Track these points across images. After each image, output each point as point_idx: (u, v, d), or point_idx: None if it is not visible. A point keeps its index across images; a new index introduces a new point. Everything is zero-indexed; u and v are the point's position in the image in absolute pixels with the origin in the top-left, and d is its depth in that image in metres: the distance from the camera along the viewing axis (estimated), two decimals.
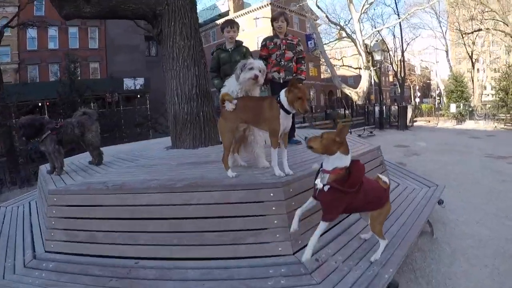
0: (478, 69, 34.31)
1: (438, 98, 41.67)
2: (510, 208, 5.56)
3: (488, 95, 38.52)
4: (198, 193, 2.92)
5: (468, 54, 33.69)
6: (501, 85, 24.68)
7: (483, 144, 13.80)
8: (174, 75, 5.29)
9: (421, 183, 5.21)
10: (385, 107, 22.08)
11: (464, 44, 33.73)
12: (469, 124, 23.67)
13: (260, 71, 3.30)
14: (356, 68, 32.58)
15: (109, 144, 8.53)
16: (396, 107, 22.53)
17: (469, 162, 9.65)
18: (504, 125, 21.47)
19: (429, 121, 26.91)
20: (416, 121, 24.83)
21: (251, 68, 3.26)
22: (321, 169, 2.45)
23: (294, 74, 4.86)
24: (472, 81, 32.26)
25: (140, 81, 25.83)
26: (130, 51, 27.44)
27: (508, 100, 23.68)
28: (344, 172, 2.36)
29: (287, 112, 2.93)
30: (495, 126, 21.46)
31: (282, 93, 2.95)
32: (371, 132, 16.82)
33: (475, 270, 3.58)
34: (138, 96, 26.00)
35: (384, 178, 2.74)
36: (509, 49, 30.05)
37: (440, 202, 4.65)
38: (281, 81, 4.79)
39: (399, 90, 40.92)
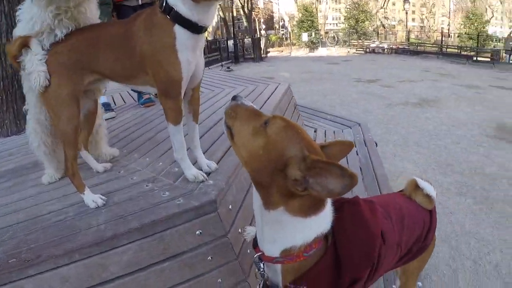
0: (321, 1, 36.05)
1: (283, 29, 43.91)
2: (411, 134, 5.56)
3: (330, 24, 41.61)
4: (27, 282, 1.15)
5: None
6: (351, 14, 26.41)
7: (344, 69, 14.35)
8: None
9: (338, 123, 4.29)
10: (238, 41, 21.45)
11: None
12: (321, 51, 25.32)
13: None
14: None
15: None
16: (249, 39, 22.15)
17: (344, 89, 9.55)
18: (356, 50, 23.64)
19: (282, 51, 27.92)
20: (269, 52, 25.25)
21: None
22: (256, 254, 0.93)
23: None
24: (316, 12, 33.72)
25: None
26: None
27: (358, 27, 25.99)
28: (322, 248, 0.88)
29: (195, 29, 1.30)
30: (348, 51, 23.29)
31: None
32: (228, 68, 15.84)
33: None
34: None
35: (426, 186, 1.18)
36: None
37: (376, 144, 3.74)
38: (140, 3, 2.98)
39: (245, 24, 41.03)
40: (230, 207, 1.37)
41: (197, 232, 1.27)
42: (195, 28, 1.29)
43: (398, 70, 13.44)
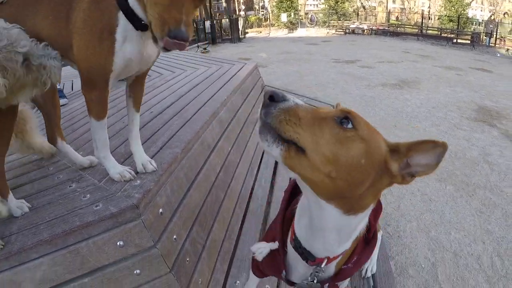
0: None
1: (262, 10, 43.76)
2: (390, 116, 5.41)
3: (310, 5, 41.37)
4: None
5: None
6: None
7: (323, 50, 14.05)
8: None
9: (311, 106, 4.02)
10: (216, 21, 21.03)
11: None
12: (300, 32, 25.02)
13: None
14: None
15: None
16: (227, 20, 21.76)
17: (322, 70, 9.30)
18: (335, 31, 23.46)
19: (261, 32, 27.64)
20: (247, 32, 24.94)
21: None
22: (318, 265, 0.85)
23: None
24: None
25: None
26: None
27: (338, 8, 25.77)
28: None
29: (138, 24, 1.08)
30: (328, 32, 23.13)
31: None
32: (205, 49, 15.41)
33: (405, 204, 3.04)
34: None
35: None
36: None
37: None
38: None
39: (224, 4, 40.65)
40: (160, 211, 1.13)
41: (118, 243, 1.03)
42: (139, 24, 1.07)
43: (377, 51, 13.28)
